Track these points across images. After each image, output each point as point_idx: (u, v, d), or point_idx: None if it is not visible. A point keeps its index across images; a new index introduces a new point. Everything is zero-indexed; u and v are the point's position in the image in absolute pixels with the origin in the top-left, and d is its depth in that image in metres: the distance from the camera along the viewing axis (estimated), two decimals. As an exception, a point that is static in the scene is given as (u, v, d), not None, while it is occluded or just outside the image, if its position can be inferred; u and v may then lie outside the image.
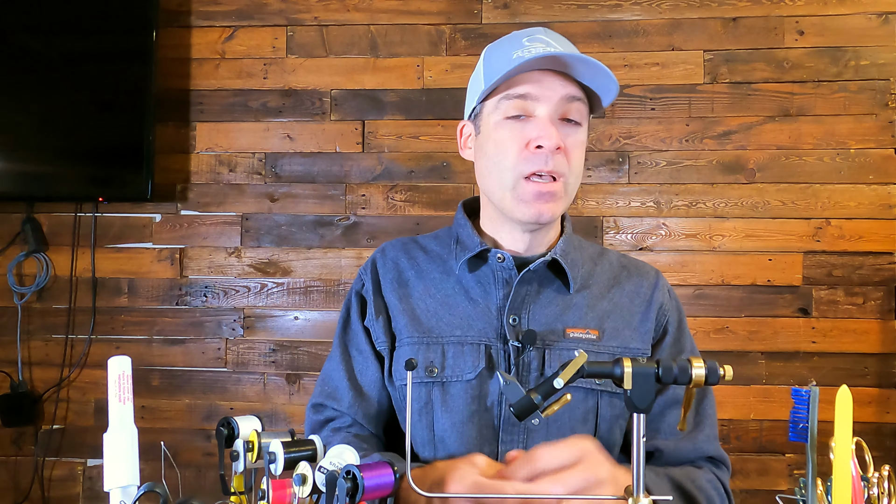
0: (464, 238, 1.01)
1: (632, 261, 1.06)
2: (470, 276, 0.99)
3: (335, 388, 1.01)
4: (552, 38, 0.92)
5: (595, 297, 0.98)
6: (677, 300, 1.05)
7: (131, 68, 2.03)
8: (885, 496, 0.62)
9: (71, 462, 2.12)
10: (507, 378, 0.63)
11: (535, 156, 0.89)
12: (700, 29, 2.03)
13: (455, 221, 1.05)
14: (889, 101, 1.97)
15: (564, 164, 0.91)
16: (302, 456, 0.62)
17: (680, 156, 2.03)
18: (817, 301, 1.98)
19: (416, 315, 0.99)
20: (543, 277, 0.97)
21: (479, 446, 0.92)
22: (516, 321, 0.95)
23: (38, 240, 2.10)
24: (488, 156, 0.95)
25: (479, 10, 2.08)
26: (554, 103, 0.90)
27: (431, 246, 1.06)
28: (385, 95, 2.09)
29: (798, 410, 0.62)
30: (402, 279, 1.02)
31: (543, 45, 0.89)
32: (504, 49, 0.92)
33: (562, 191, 0.92)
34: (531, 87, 0.90)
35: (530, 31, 0.93)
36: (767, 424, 1.97)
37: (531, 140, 0.90)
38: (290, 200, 2.11)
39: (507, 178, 0.92)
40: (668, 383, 0.60)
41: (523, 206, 0.92)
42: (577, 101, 0.91)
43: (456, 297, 0.98)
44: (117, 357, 0.61)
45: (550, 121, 0.90)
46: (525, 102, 0.90)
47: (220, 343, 2.10)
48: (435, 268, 1.02)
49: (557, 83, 0.90)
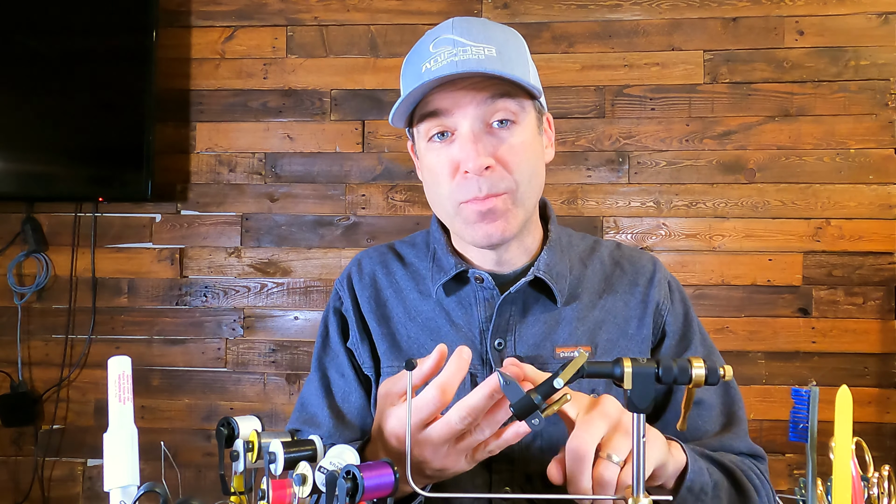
0: (439, 256, 0.94)
1: (626, 252, 0.98)
2: (449, 299, 0.92)
3: (314, 414, 0.93)
4: (460, 32, 0.81)
5: (586, 306, 0.91)
6: (681, 292, 0.97)
7: (131, 68, 2.03)
8: (885, 496, 0.62)
9: (71, 462, 2.12)
10: (507, 378, 0.63)
11: (465, 181, 0.81)
12: (700, 29, 2.03)
13: (430, 234, 0.98)
14: (889, 101, 1.98)
15: (503, 178, 0.81)
16: (302, 456, 0.62)
17: (680, 156, 2.03)
18: (817, 301, 1.98)
19: (396, 341, 0.93)
20: (528, 294, 0.90)
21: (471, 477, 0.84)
22: (502, 345, 0.89)
23: (38, 240, 2.10)
24: (427, 183, 0.89)
25: (479, 10, 2.08)
26: (471, 114, 0.80)
27: (409, 257, 0.99)
28: (385, 95, 2.09)
29: (798, 410, 0.61)
30: (380, 299, 0.96)
31: (450, 48, 0.80)
32: (413, 62, 0.85)
33: (507, 204, 0.83)
34: (443, 101, 0.81)
35: (436, 31, 0.84)
36: (767, 424, 1.97)
37: (459, 163, 0.81)
38: (290, 200, 2.11)
39: (447, 206, 0.85)
40: (669, 383, 0.60)
41: (471, 229, 0.84)
42: (501, 99, 0.81)
43: (437, 321, 0.92)
44: (117, 357, 0.61)
45: (473, 137, 0.80)
46: (441, 119, 0.82)
47: (220, 343, 2.10)
48: (413, 286, 0.95)
49: (470, 90, 0.80)
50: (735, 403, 0.92)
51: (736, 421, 0.91)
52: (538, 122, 0.88)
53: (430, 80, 0.78)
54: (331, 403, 0.93)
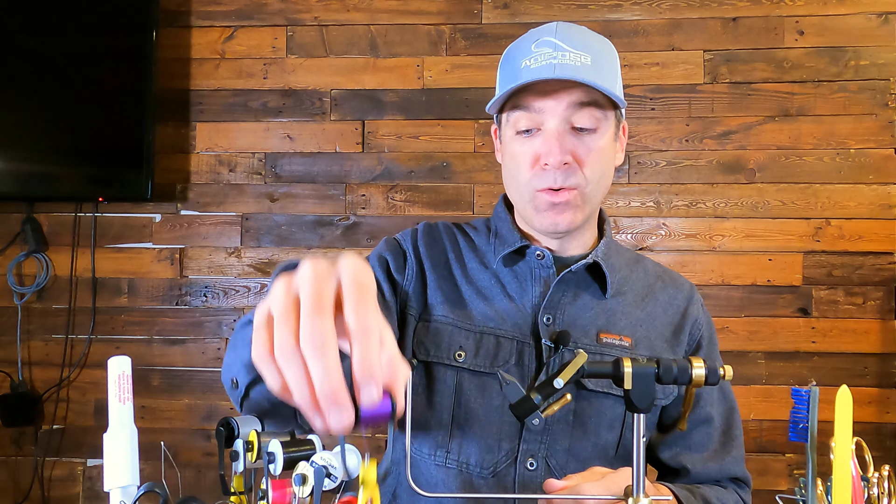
0: (503, 232, 1.01)
1: (667, 271, 1.06)
2: (507, 272, 0.98)
3: None
4: (562, 37, 0.90)
5: (630, 304, 0.98)
6: (709, 317, 1.05)
7: (131, 68, 2.03)
8: (885, 496, 0.62)
9: (71, 462, 2.12)
10: (507, 378, 0.63)
11: (544, 172, 0.90)
12: (700, 29, 2.03)
13: (495, 214, 1.05)
14: (889, 101, 1.97)
15: (577, 175, 0.90)
16: (302, 456, 0.62)
17: (680, 156, 2.03)
18: (817, 301, 1.98)
19: (452, 297, 0.98)
20: (581, 279, 0.97)
21: (498, 440, 0.91)
22: (550, 320, 0.94)
23: (38, 240, 2.10)
24: (507, 168, 0.97)
25: (479, 10, 2.08)
26: (559, 114, 0.89)
27: (472, 234, 1.05)
28: (385, 95, 2.09)
29: (798, 410, 0.62)
30: (442, 256, 1.01)
31: (550, 50, 0.88)
32: (514, 56, 0.92)
33: (577, 199, 0.91)
34: (536, 99, 0.90)
35: (540, 32, 0.92)
36: (767, 424, 1.97)
37: (540, 156, 0.90)
38: (290, 200, 2.11)
39: (523, 192, 0.94)
40: (668, 383, 0.60)
41: (540, 216, 0.93)
42: (588, 107, 0.89)
43: (493, 290, 0.98)
44: (117, 357, 0.61)
45: (557, 134, 0.89)
46: (531, 114, 0.90)
47: (220, 343, 2.10)
48: (473, 256, 1.01)
49: (561, 92, 0.88)
50: (737, 427, 1.00)
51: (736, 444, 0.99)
52: (616, 130, 0.96)
53: (529, 80, 0.86)
54: None
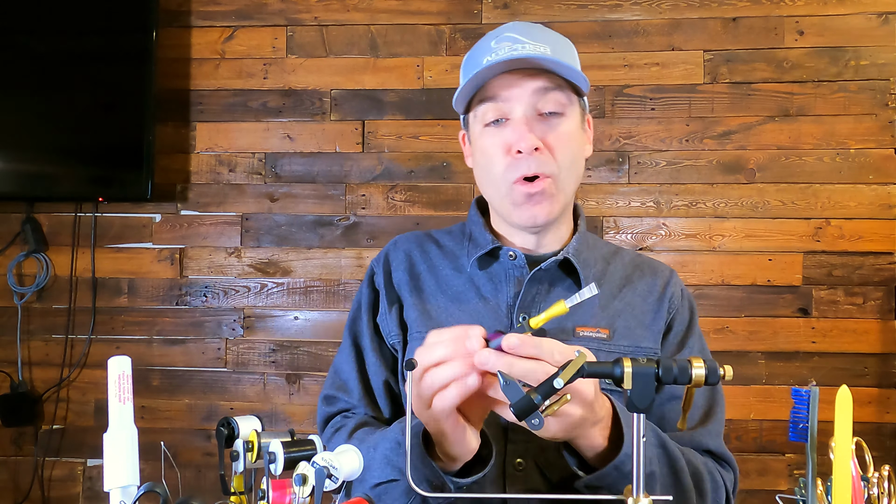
0: (476, 235, 1.01)
1: (646, 260, 1.06)
2: (481, 274, 0.99)
3: (345, 380, 1.01)
4: (520, 31, 0.92)
5: (607, 296, 0.98)
6: (691, 300, 1.04)
7: (131, 68, 2.03)
8: (885, 496, 0.62)
9: (71, 462, 2.12)
10: (507, 378, 0.63)
11: (517, 161, 0.90)
12: (700, 29, 2.03)
13: (468, 218, 1.06)
14: (889, 101, 1.98)
15: (549, 161, 0.90)
16: (302, 456, 0.62)
17: (680, 156, 2.03)
18: (817, 301, 1.98)
19: (426, 310, 0.99)
20: (555, 276, 0.97)
21: None
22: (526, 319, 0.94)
23: (38, 240, 2.10)
24: (480, 165, 0.97)
25: (479, 10, 2.08)
26: (525, 101, 0.90)
27: (444, 241, 1.06)
28: (385, 95, 2.09)
29: (798, 410, 0.62)
30: (413, 272, 1.03)
31: (510, 44, 0.90)
32: (475, 55, 0.94)
33: (552, 188, 0.92)
34: (500, 89, 0.91)
35: (498, 31, 0.94)
36: (767, 424, 1.97)
37: (511, 145, 0.90)
38: (290, 200, 2.11)
39: (499, 185, 0.94)
40: (669, 383, 0.60)
41: (518, 211, 0.93)
42: (553, 91, 0.91)
43: (467, 294, 0.98)
44: (117, 357, 0.61)
45: (525, 121, 0.90)
46: (498, 104, 0.91)
47: (220, 343, 2.10)
48: (447, 264, 1.02)
49: (526, 80, 0.90)
50: (717, 404, 0.97)
51: (712, 419, 0.95)
52: (582, 118, 0.97)
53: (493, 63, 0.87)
54: (361, 372, 1.01)
